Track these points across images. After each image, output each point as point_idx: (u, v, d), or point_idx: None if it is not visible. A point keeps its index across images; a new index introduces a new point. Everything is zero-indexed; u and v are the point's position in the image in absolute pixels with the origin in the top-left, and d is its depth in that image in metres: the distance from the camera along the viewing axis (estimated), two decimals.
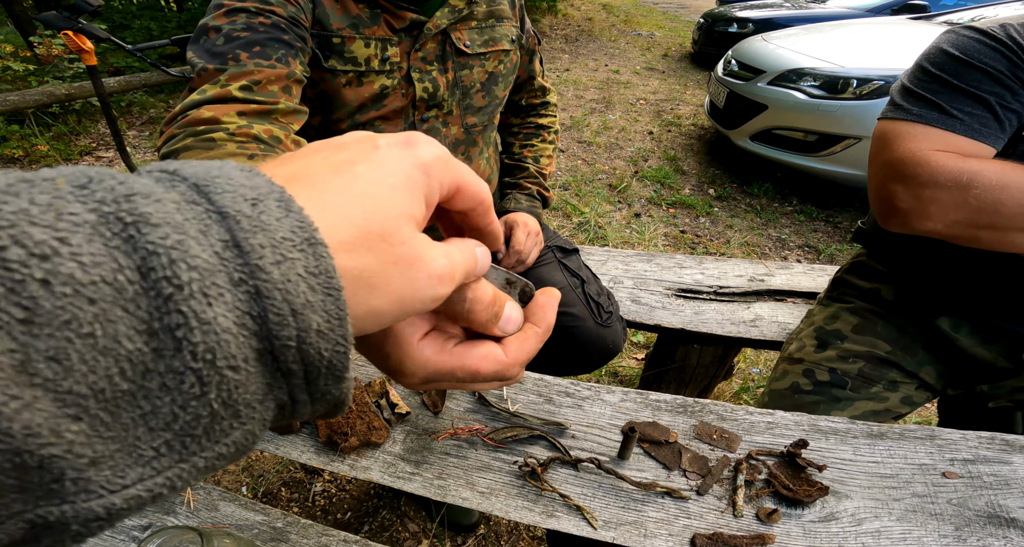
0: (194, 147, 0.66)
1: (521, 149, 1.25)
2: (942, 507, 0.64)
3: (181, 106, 0.71)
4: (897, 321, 0.99)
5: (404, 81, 0.90)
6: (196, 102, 0.70)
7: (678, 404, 0.75)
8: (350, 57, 0.84)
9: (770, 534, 0.61)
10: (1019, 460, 0.69)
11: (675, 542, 0.61)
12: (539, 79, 1.24)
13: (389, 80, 0.89)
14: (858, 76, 2.86)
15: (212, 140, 0.67)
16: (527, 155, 1.24)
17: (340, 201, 0.20)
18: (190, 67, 0.74)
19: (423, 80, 0.91)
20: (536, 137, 1.26)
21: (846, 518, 0.63)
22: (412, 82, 0.91)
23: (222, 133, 0.68)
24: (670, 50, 7.56)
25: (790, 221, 3.13)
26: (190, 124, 0.68)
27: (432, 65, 0.92)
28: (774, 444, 0.70)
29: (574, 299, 1.12)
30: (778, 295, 1.28)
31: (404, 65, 0.89)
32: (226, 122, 0.69)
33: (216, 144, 0.66)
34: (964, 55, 0.76)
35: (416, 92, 0.91)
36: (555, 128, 1.29)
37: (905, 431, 0.72)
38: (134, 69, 5.21)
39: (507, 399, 0.77)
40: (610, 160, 3.92)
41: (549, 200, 1.24)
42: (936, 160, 0.73)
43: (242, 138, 0.68)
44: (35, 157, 3.89)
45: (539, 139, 1.26)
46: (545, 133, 1.27)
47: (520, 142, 1.26)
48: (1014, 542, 0.61)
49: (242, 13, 0.74)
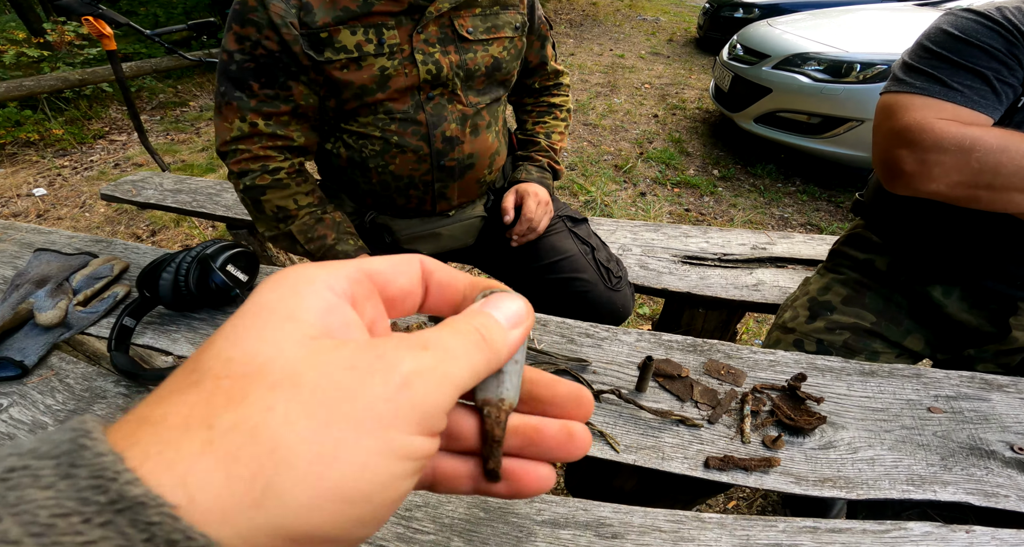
0: (272, 186, 0.99)
1: (534, 126, 1.31)
2: (928, 439, 0.71)
3: (230, 136, 0.95)
4: (885, 292, 1.05)
5: (408, 62, 0.94)
6: (238, 137, 0.95)
7: (688, 344, 0.83)
8: (340, 46, 0.90)
9: (776, 457, 0.68)
10: (997, 398, 0.77)
11: (690, 464, 0.68)
12: (552, 63, 1.29)
13: (389, 62, 0.93)
14: (862, 61, 2.91)
15: (280, 181, 0.99)
16: (539, 131, 1.29)
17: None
18: (219, 85, 0.94)
19: (427, 62, 0.95)
20: (548, 115, 1.32)
21: (843, 446, 0.70)
22: (416, 63, 0.94)
23: (283, 175, 0.99)
24: (675, 35, 7.55)
25: (793, 201, 3.19)
26: (251, 160, 0.97)
27: (435, 47, 0.96)
28: (776, 380, 0.78)
29: (585, 265, 1.18)
30: (779, 262, 1.35)
31: (407, 47, 0.93)
32: (279, 163, 0.99)
33: (283, 184, 0.99)
34: (963, 34, 0.82)
35: (420, 73, 0.95)
36: (568, 107, 1.34)
37: (894, 370, 0.80)
38: (142, 55, 5.26)
39: (533, 338, 0.85)
40: (615, 142, 3.97)
41: (560, 173, 1.30)
42: (940, 127, 0.79)
43: (296, 176, 1.01)
44: (50, 141, 3.96)
45: (551, 117, 1.32)
46: (557, 111, 1.32)
47: (533, 120, 1.32)
48: (994, 471, 0.67)
49: (247, 41, 0.89)
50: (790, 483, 0.66)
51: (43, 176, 3.51)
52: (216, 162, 3.64)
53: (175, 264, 0.81)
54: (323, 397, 0.17)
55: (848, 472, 0.67)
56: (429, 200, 1.11)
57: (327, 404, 0.17)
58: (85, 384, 0.82)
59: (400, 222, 1.15)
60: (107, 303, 0.92)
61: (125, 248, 1.09)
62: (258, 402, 0.17)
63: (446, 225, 1.18)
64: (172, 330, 0.89)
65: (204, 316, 0.92)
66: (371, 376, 0.18)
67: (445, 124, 1.01)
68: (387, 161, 1.02)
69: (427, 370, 0.19)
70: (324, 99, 0.97)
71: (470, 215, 1.20)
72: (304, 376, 0.18)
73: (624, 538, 0.61)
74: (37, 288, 0.93)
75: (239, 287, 0.85)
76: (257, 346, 0.18)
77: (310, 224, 1.03)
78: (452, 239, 1.21)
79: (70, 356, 0.87)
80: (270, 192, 0.99)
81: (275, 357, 0.18)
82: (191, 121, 4.54)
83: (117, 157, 3.82)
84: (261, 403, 0.17)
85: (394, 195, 1.09)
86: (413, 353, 0.20)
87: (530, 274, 1.21)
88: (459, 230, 1.20)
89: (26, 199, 3.22)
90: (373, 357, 0.19)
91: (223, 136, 0.96)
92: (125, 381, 0.81)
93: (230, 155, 0.97)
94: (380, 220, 1.15)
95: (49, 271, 0.97)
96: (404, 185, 1.07)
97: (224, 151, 0.97)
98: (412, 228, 1.16)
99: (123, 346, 0.82)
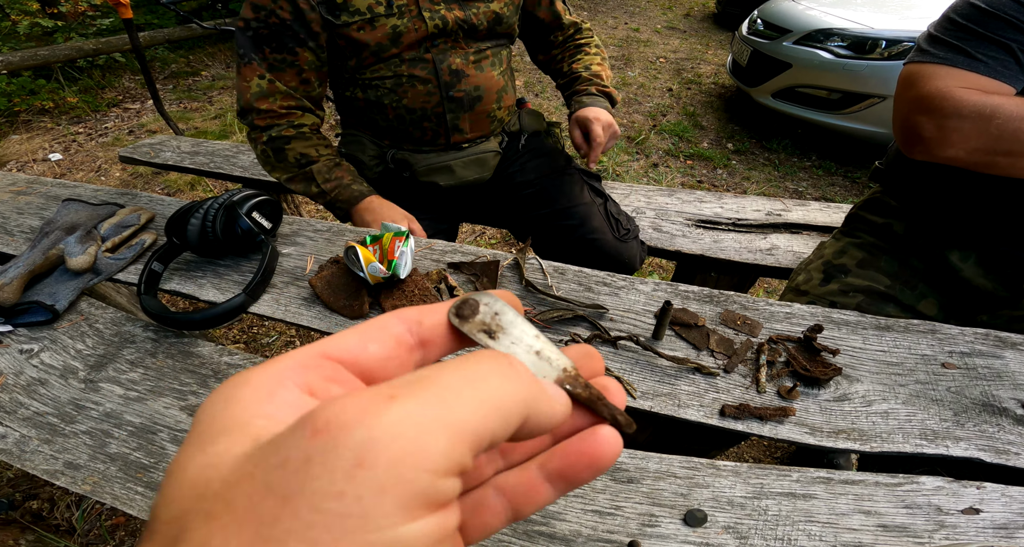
0: (296, 137, 1.09)
1: (570, 66, 1.32)
2: (942, 394, 0.72)
3: (250, 94, 1.04)
4: (901, 256, 1.05)
5: (417, 19, 1.03)
6: (259, 94, 1.04)
7: (705, 295, 0.84)
8: (354, 10, 1.00)
9: (791, 407, 0.69)
10: (1011, 355, 0.77)
11: (706, 412, 0.69)
12: (567, 17, 1.30)
13: (400, 20, 1.02)
14: (888, 37, 2.86)
15: (303, 133, 1.10)
16: (576, 68, 1.30)
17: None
18: (238, 48, 1.03)
19: (433, 18, 1.04)
20: (580, 52, 1.33)
21: (857, 399, 0.71)
22: (424, 19, 1.03)
23: (306, 129, 1.11)
24: (692, 10, 7.39)
25: (808, 175, 3.16)
26: (276, 116, 1.07)
27: (439, 5, 1.04)
28: (792, 331, 0.79)
29: (595, 213, 1.23)
30: (794, 228, 1.35)
31: (414, 8, 1.02)
32: (302, 120, 1.10)
33: (306, 136, 1.10)
34: (988, 6, 0.82)
35: (428, 27, 1.04)
36: (597, 42, 1.35)
37: (909, 325, 0.80)
38: (154, 26, 5.23)
39: (552, 286, 0.86)
40: (628, 114, 3.93)
41: (613, 96, 1.29)
42: (960, 95, 0.80)
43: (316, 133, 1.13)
44: (64, 109, 3.97)
45: (583, 53, 1.33)
46: (587, 48, 1.33)
47: (567, 63, 1.33)
48: (1006, 429, 0.68)
49: (262, 10, 0.99)
50: (804, 434, 0.67)
51: (58, 142, 3.54)
52: (229, 129, 3.64)
53: (203, 210, 0.83)
54: (257, 514, 0.14)
55: (862, 425, 0.68)
56: (443, 132, 1.17)
57: (264, 522, 0.13)
58: (114, 329, 0.84)
59: (417, 156, 1.21)
60: (135, 250, 0.94)
61: (150, 200, 1.11)
62: (194, 540, 0.14)
63: (461, 158, 1.22)
64: (198, 276, 0.91)
65: (229, 262, 0.93)
66: (307, 468, 0.14)
67: (451, 59, 1.09)
68: (400, 95, 1.10)
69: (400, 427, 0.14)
70: (345, 59, 1.07)
71: (484, 149, 1.24)
72: (237, 492, 0.14)
73: (640, 482, 0.62)
74: (67, 235, 0.95)
75: (264, 233, 0.86)
76: (197, 473, 0.16)
77: (329, 166, 1.12)
78: (467, 171, 1.25)
79: (99, 302, 0.89)
80: (294, 142, 1.09)
81: (211, 479, 0.15)
82: (203, 90, 4.53)
83: (131, 124, 3.84)
84: (197, 541, 0.14)
85: (410, 128, 1.16)
86: (372, 411, 0.15)
87: (540, 220, 1.26)
88: (473, 163, 1.24)
89: (42, 163, 3.25)
90: (309, 437, 0.14)
91: (245, 94, 1.05)
92: (153, 326, 0.84)
93: (254, 113, 1.06)
94: (399, 156, 1.21)
95: (78, 219, 0.99)
96: (418, 117, 1.14)
97: (247, 108, 1.06)
98: (429, 161, 1.21)
99: (152, 290, 0.84)
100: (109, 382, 0.77)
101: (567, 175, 1.29)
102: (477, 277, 0.88)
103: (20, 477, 1.41)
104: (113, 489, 0.65)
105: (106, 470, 0.67)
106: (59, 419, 0.73)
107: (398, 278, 0.81)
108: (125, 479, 0.66)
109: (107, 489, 0.65)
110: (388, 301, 0.82)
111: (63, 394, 0.76)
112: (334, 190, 1.11)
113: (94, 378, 0.78)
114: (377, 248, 0.82)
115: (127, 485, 0.65)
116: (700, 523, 0.58)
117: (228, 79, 4.76)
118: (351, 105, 1.17)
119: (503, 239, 2.49)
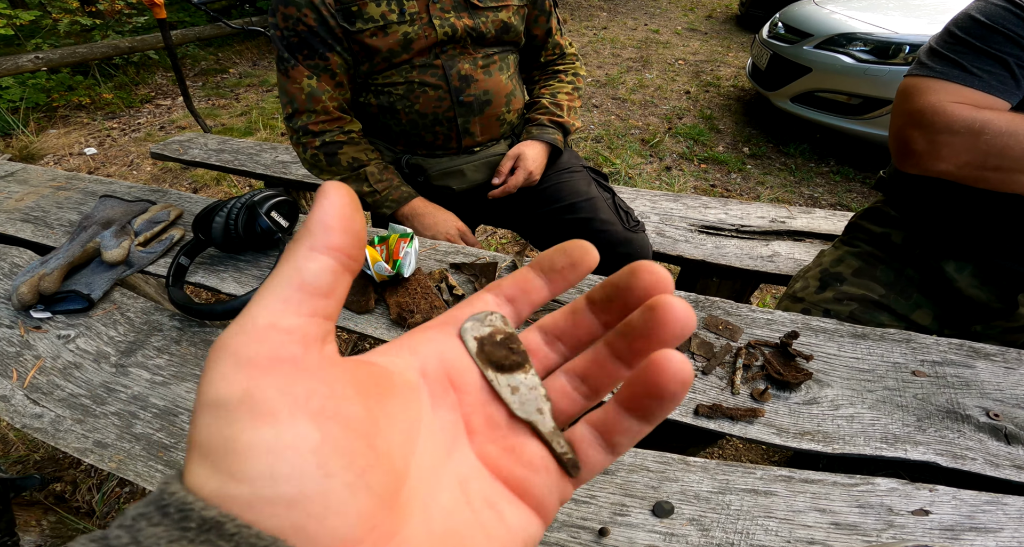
0: (348, 143, 1.17)
1: (539, 90, 1.39)
2: (908, 400, 0.74)
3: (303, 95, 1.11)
4: (898, 265, 1.07)
5: (427, 26, 1.09)
6: (311, 95, 1.11)
7: (691, 300, 0.88)
8: (368, 17, 1.06)
9: (761, 409, 0.72)
10: (982, 365, 0.79)
11: (681, 410, 0.73)
12: (556, 37, 1.36)
13: (411, 28, 1.08)
14: (912, 42, 2.83)
15: (353, 139, 1.18)
16: (543, 93, 1.37)
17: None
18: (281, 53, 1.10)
19: (443, 26, 1.09)
20: (553, 79, 1.39)
21: (826, 403, 0.74)
22: (434, 27, 1.09)
23: (355, 135, 1.18)
24: (715, 11, 7.33)
25: (825, 181, 3.15)
26: (328, 122, 1.15)
27: (449, 13, 1.10)
28: (771, 337, 0.83)
29: (604, 206, 1.28)
30: (797, 235, 1.38)
31: (425, 15, 1.08)
32: (351, 125, 1.18)
33: (355, 141, 1.18)
34: (988, 20, 0.83)
35: (438, 35, 1.09)
36: (573, 71, 1.40)
37: (885, 334, 0.83)
38: (186, 24, 5.39)
39: None
40: (644, 117, 3.94)
41: (566, 125, 1.34)
42: (952, 110, 0.82)
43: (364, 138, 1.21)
44: (100, 104, 4.14)
45: (556, 80, 1.39)
46: (562, 75, 1.39)
47: (539, 87, 1.40)
48: (966, 435, 0.70)
49: (290, 19, 1.06)
50: (771, 434, 0.70)
51: (94, 137, 3.69)
52: (254, 126, 3.76)
53: (226, 209, 0.90)
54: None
55: (827, 427, 0.71)
56: (455, 136, 1.23)
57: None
58: (144, 318, 0.92)
59: (430, 161, 1.26)
60: (164, 244, 1.02)
61: (179, 197, 1.19)
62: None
63: (472, 161, 1.28)
64: (220, 270, 0.98)
65: (249, 258, 1.01)
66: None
67: (460, 64, 1.14)
68: (412, 101, 1.16)
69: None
70: (358, 64, 1.13)
71: (495, 152, 1.30)
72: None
73: (615, 474, 0.66)
74: (103, 229, 1.04)
75: (281, 231, 0.93)
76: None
77: (380, 168, 1.20)
78: (478, 174, 1.30)
79: (131, 292, 0.97)
80: (346, 147, 1.17)
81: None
82: (231, 87, 4.67)
83: (162, 120, 3.98)
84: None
85: (422, 133, 1.21)
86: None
87: (549, 216, 1.31)
88: (484, 166, 1.30)
89: (78, 157, 3.40)
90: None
91: (299, 96, 1.12)
92: (179, 316, 0.91)
93: (307, 114, 1.13)
94: (413, 161, 1.27)
95: (113, 215, 1.08)
96: (430, 122, 1.19)
97: (301, 110, 1.13)
98: (441, 165, 1.27)
99: (179, 282, 0.91)
100: (137, 367, 0.83)
101: (575, 172, 1.34)
102: (476, 277, 0.94)
103: (46, 460, 1.49)
104: (136, 467, 0.70)
105: (131, 449, 0.72)
106: (91, 401, 0.78)
107: (402, 277, 0.88)
108: (147, 458, 0.71)
109: (131, 467, 0.70)
110: (392, 298, 0.88)
111: (96, 377, 0.82)
112: (385, 190, 1.19)
113: (124, 363, 0.84)
114: (383, 248, 0.89)
115: (149, 463, 0.70)
116: (667, 514, 0.62)
117: (254, 77, 4.89)
118: (365, 111, 1.23)
119: (513, 239, 2.55)
